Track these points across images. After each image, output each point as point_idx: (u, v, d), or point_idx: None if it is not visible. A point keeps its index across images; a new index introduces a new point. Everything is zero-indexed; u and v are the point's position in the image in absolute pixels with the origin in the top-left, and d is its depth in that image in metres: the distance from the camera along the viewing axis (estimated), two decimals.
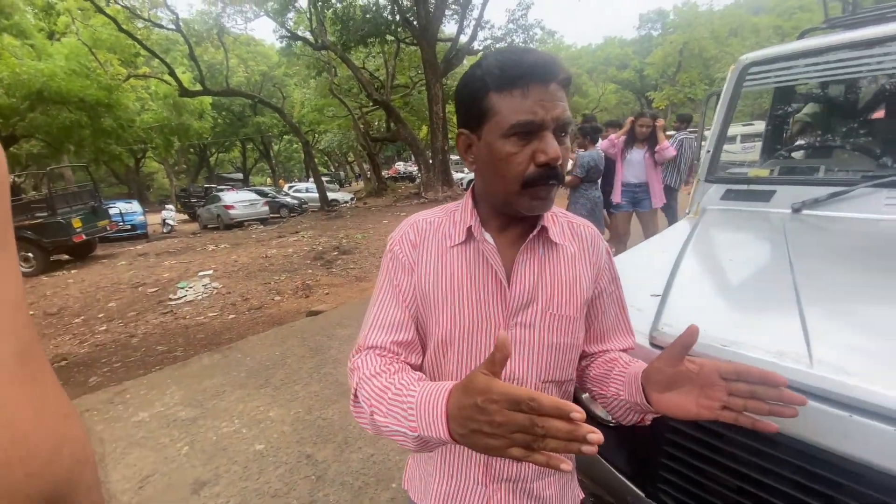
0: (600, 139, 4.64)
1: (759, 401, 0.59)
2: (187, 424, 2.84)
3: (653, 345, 0.95)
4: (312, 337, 4.15)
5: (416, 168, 26.31)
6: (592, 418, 1.05)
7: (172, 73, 14.99)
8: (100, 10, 13.28)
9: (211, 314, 5.30)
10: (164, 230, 16.60)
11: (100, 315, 5.65)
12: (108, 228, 11.13)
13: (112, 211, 12.48)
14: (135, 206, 15.80)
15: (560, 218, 0.81)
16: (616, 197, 4.48)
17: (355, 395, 0.69)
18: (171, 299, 6.08)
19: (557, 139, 0.67)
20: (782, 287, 1.01)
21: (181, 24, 14.87)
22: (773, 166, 1.88)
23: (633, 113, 4.80)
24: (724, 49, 26.07)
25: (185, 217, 23.21)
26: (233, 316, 5.16)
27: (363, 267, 7.04)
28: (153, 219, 17.99)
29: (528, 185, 0.67)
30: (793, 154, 2.07)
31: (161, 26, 15.72)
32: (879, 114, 2.39)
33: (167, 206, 17.99)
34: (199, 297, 6.08)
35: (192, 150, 33.28)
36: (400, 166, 37.55)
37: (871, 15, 1.91)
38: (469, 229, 0.75)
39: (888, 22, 1.71)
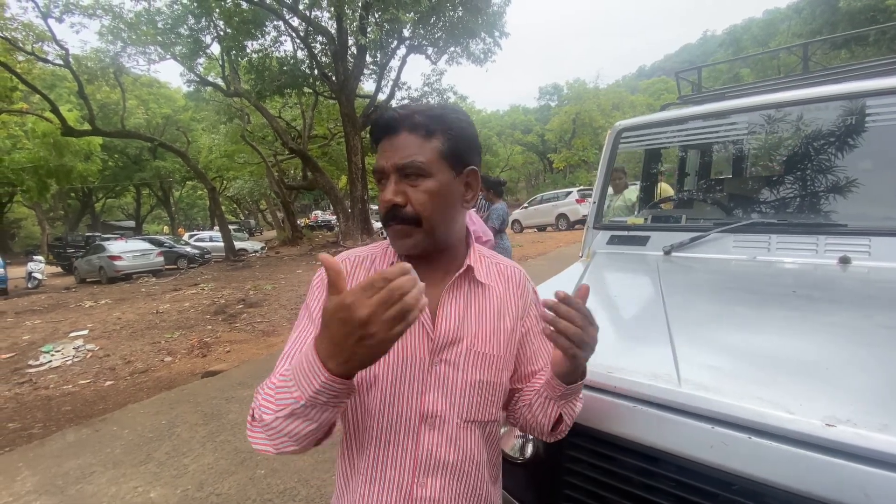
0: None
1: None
2: None
3: None
4: (208, 401, 3.71)
5: (334, 217, 25.88)
6: (503, 458, 1.05)
7: (55, 111, 13.56)
8: None
9: (82, 381, 4.54)
10: (29, 285, 14.25)
11: None
12: None
13: None
14: None
15: (488, 260, 0.84)
16: None
17: (252, 416, 0.65)
18: (30, 366, 5.13)
19: (406, 182, 0.70)
20: (656, 318, 1.14)
21: (71, 60, 13.62)
22: (646, 215, 2.17)
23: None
24: (609, 120, 30.02)
25: (59, 270, 20.26)
26: (110, 382, 4.46)
27: (272, 320, 6.57)
28: (16, 272, 15.39)
29: (384, 224, 0.74)
30: (661, 205, 2.42)
31: (47, 61, 14.20)
32: (728, 172, 2.90)
33: (35, 258, 15.63)
34: (69, 362, 5.20)
35: (73, 194, 29.66)
36: (319, 214, 36.79)
37: (714, 93, 2.37)
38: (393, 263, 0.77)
39: (727, 99, 2.12)
